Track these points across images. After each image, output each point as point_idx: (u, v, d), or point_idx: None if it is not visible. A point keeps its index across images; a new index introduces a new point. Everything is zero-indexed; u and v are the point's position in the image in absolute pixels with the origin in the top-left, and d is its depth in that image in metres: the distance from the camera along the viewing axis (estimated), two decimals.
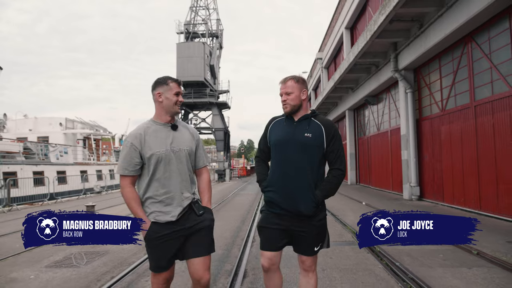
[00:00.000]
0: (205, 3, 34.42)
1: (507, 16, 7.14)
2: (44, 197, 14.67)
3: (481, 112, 8.09)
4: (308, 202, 2.28)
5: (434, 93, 10.38)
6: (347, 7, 18.57)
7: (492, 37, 7.70)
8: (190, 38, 32.61)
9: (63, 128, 23.91)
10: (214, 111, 32.07)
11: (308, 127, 2.35)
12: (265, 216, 2.42)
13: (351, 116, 20.11)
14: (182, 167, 2.30)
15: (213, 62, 32.03)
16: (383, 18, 9.34)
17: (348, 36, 19.44)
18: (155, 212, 2.24)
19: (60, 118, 24.25)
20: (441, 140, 10.00)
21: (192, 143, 2.39)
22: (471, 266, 4.33)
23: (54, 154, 19.81)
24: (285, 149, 2.34)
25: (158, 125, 2.32)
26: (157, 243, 2.21)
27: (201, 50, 29.90)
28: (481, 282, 3.75)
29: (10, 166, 15.97)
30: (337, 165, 2.36)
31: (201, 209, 2.33)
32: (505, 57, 7.28)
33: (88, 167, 22.37)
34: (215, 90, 33.10)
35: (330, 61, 25.38)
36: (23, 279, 4.32)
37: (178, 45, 30.41)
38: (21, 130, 24.07)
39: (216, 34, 34.08)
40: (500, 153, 7.45)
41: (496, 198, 7.56)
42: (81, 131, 24.87)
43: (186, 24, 32.58)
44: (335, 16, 22.60)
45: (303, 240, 2.35)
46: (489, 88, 7.83)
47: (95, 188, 20.09)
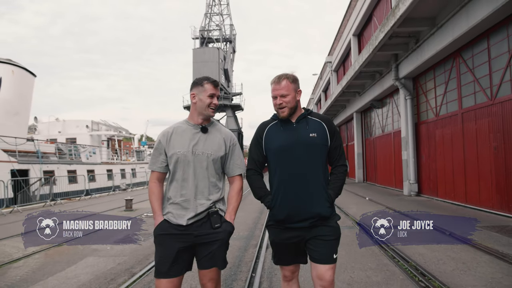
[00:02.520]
0: (219, 9, 35.97)
1: (486, 38, 8.38)
2: (80, 193, 16.36)
3: (467, 118, 9.34)
4: (324, 203, 2.16)
5: (430, 100, 11.63)
6: (354, 15, 19.77)
7: (475, 54, 8.94)
8: (205, 43, 34.21)
9: (89, 130, 25.71)
10: (228, 113, 33.64)
11: (308, 126, 2.22)
12: (276, 231, 2.25)
13: (358, 118, 21.33)
14: (201, 172, 2.20)
15: (227, 66, 33.58)
16: (382, 35, 10.62)
17: (355, 42, 20.63)
18: (170, 213, 2.21)
19: (86, 121, 26.08)
20: (435, 143, 11.24)
21: (220, 148, 2.26)
22: (440, 242, 5.65)
23: (84, 154, 21.60)
24: (292, 153, 2.18)
25: (188, 126, 2.28)
26: (162, 240, 2.19)
27: (216, 55, 31.47)
28: (441, 250, 5.09)
29: (48, 165, 17.72)
30: (341, 161, 2.28)
31: (218, 222, 2.20)
32: (484, 72, 8.52)
33: (113, 166, 24.12)
34: (229, 93, 34.65)
35: (339, 65, 26.59)
36: (103, 249, 5.82)
37: (194, 51, 32.05)
38: (51, 132, 25.97)
39: (229, 39, 35.62)
40: (481, 155, 8.70)
41: (478, 193, 8.82)
42: (105, 133, 26.66)
43: (201, 30, 34.17)
44: (343, 23, 23.80)
45: (321, 246, 2.16)
46: (473, 98, 9.07)
47: (121, 185, 21.78)
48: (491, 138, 8.26)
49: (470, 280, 3.82)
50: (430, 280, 3.86)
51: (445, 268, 4.29)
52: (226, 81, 34.47)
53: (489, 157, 8.40)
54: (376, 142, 18.52)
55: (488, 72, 8.36)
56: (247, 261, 4.81)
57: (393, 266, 4.47)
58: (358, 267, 4.37)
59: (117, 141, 27.60)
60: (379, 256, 4.95)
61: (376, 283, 3.83)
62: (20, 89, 20.49)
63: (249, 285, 3.82)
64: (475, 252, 4.98)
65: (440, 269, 4.23)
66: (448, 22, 9.00)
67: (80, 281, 4.20)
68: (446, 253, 4.98)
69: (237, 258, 4.95)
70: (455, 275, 4.02)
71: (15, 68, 20.28)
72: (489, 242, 5.45)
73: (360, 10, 18.26)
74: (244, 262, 4.77)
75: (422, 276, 3.98)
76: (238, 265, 4.64)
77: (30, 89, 21.99)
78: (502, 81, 7.86)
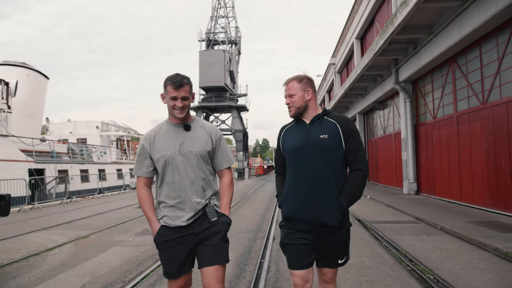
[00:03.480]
0: (225, 12, 36.64)
1: (478, 46, 8.93)
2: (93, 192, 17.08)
3: (462, 121, 9.89)
4: (334, 211, 2.07)
5: (428, 103, 12.18)
6: (357, 19, 20.31)
7: (468, 61, 9.49)
8: (211, 45, 34.90)
9: (99, 131, 26.50)
10: (233, 113, 34.28)
11: (321, 127, 2.14)
12: (287, 232, 2.20)
13: (361, 120, 21.87)
14: (191, 171, 2.17)
15: (232, 68, 34.24)
16: (382, 41, 11.19)
17: (358, 46, 21.18)
18: (166, 216, 2.18)
19: (96, 122, 26.87)
20: (433, 144, 11.79)
21: (207, 144, 2.24)
22: (430, 234, 6.25)
23: (95, 154, 22.35)
24: (301, 155, 2.14)
25: (170, 126, 2.23)
26: (165, 247, 2.16)
27: (222, 57, 32.13)
28: (430, 241, 5.68)
29: (63, 165, 18.47)
30: (357, 165, 2.14)
31: (215, 216, 2.19)
32: (477, 78, 9.07)
33: (123, 166, 24.86)
34: (234, 94, 35.30)
35: (342, 67, 27.13)
36: (126, 240, 6.47)
37: (201, 53, 32.74)
38: (62, 132, 26.79)
39: (235, 41, 36.29)
40: (474, 156, 9.25)
41: (472, 192, 9.37)
42: (114, 133, 27.43)
43: (207, 32, 34.86)
44: (346, 26, 24.34)
45: (328, 254, 2.17)
46: (467, 102, 9.62)
47: (131, 184, 22.50)
48: (483, 140, 8.81)
49: (450, 265, 4.41)
50: (416, 264, 4.46)
51: (431, 255, 4.88)
52: (232, 82, 35.13)
53: (481, 158, 8.95)
54: (378, 142, 19.06)
55: (480, 78, 8.91)
56: (256, 249, 5.43)
57: (385, 254, 5.06)
58: (354, 255, 4.95)
59: (126, 141, 28.35)
60: (373, 246, 5.55)
61: (368, 266, 4.43)
62: (34, 92, 21.32)
63: (258, 268, 4.44)
64: (460, 243, 5.56)
65: (426, 256, 4.81)
66: (443, 30, 9.56)
67: (112, 265, 4.84)
68: (434, 243, 5.56)
69: (247, 248, 5.57)
70: (438, 261, 4.61)
71: (29, 71, 21.11)
72: (475, 235, 6.02)
73: (363, 14, 18.80)
74: (253, 250, 5.40)
75: (410, 262, 4.58)
76: (248, 252, 5.26)
77: (44, 91, 22.82)
78: (492, 86, 8.41)
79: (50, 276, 4.42)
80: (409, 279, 3.94)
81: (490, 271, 4.11)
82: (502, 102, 8.03)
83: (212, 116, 35.64)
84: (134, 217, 9.26)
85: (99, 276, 4.34)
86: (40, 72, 22.16)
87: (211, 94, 33.54)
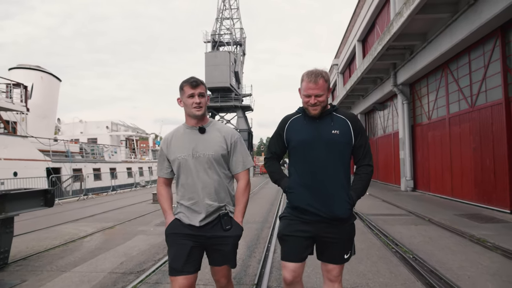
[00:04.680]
0: (230, 13, 37.45)
1: (467, 54, 9.67)
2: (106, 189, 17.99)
3: (453, 123, 10.63)
4: (344, 204, 2.10)
5: (424, 105, 12.91)
6: (358, 23, 21.01)
7: (459, 67, 10.23)
8: (217, 47, 35.74)
9: (109, 131, 27.42)
10: (238, 113, 35.13)
11: (333, 123, 2.16)
12: (288, 223, 2.21)
13: (362, 120, 22.59)
14: (204, 173, 2.20)
15: (237, 68, 35.05)
16: (380, 47, 11.94)
17: (360, 48, 21.89)
18: (182, 213, 2.25)
19: (106, 122, 27.81)
20: (428, 143, 12.53)
21: (221, 147, 2.25)
22: (418, 225, 7.03)
23: (107, 153, 23.29)
24: (312, 149, 2.13)
25: (187, 129, 2.29)
26: (174, 239, 2.20)
27: (227, 59, 32.96)
28: (416, 230, 6.45)
29: (77, 164, 19.40)
30: (366, 161, 2.20)
31: (229, 224, 2.21)
32: (466, 83, 9.81)
33: (132, 165, 25.79)
34: (239, 94, 36.13)
35: (345, 68, 27.84)
36: (147, 230, 7.30)
37: (206, 55, 33.59)
38: (73, 133, 27.76)
39: (239, 42, 37.10)
40: (464, 155, 10.00)
41: (461, 188, 10.12)
42: (123, 133, 28.35)
43: (213, 34, 35.70)
44: (349, 28, 25.04)
45: (333, 247, 2.15)
46: (458, 105, 10.36)
47: (141, 182, 23.41)
48: (471, 141, 9.55)
49: (429, 247, 5.19)
50: (400, 247, 5.24)
51: (414, 241, 5.66)
52: (237, 83, 35.96)
53: (469, 157, 9.69)
54: (378, 142, 19.80)
55: (469, 83, 9.65)
56: (263, 236, 6.24)
57: (375, 239, 5.85)
58: None
59: (134, 141, 29.28)
60: (366, 234, 6.34)
61: (359, 249, 5.20)
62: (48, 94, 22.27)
63: (266, 250, 5.24)
64: (442, 231, 6.34)
65: (410, 242, 5.60)
66: (436, 38, 10.30)
67: (141, 249, 5.67)
68: (419, 232, 6.34)
69: (255, 235, 6.39)
70: (420, 245, 5.39)
71: (43, 74, 22.03)
72: (457, 225, 6.79)
73: (364, 18, 19.51)
74: (261, 237, 6.21)
75: (395, 245, 5.37)
76: (257, 239, 6.08)
77: (56, 93, 23.77)
78: (479, 91, 9.15)
79: (91, 257, 5.26)
80: (391, 257, 4.74)
81: (460, 252, 4.89)
82: (487, 106, 8.77)
83: (218, 116, 36.52)
84: (150, 211, 10.12)
85: (132, 257, 5.18)
86: (53, 74, 23.10)
87: (216, 94, 34.39)
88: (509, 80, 8.01)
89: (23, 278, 4.33)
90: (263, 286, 3.72)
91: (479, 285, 3.65)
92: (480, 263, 4.37)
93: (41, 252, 5.62)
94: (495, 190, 8.44)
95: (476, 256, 4.70)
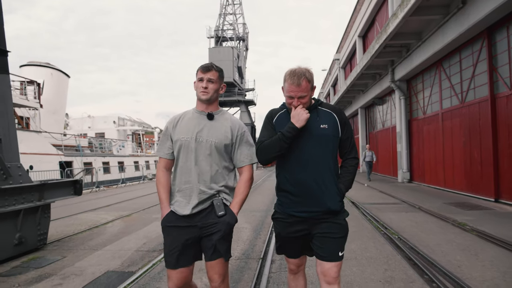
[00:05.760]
0: (233, 9, 37.90)
1: (458, 53, 10.27)
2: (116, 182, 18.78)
3: (445, 117, 11.26)
4: (334, 196, 2.11)
5: (419, 101, 13.52)
6: (359, 19, 21.50)
7: (451, 65, 10.83)
8: (220, 42, 36.28)
9: (116, 125, 28.17)
10: (242, 108, 35.79)
11: (319, 117, 2.15)
12: (282, 224, 2.21)
13: (363, 114, 23.22)
14: (203, 159, 2.18)
15: (240, 64, 35.63)
16: (377, 46, 12.53)
17: (360, 43, 22.40)
18: (177, 202, 2.21)
19: (113, 117, 28.55)
20: (423, 137, 13.17)
21: (225, 136, 2.23)
22: (408, 212, 7.72)
23: (115, 148, 24.06)
24: (301, 144, 2.11)
25: (195, 113, 2.28)
26: (169, 232, 2.19)
27: (230, 54, 33.54)
28: (406, 216, 7.15)
29: (88, 157, 20.19)
30: (353, 153, 2.23)
31: (222, 210, 2.17)
32: (457, 80, 10.43)
33: (139, 158, 26.57)
34: (242, 89, 36.74)
35: (346, 63, 28.35)
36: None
37: (210, 50, 34.18)
38: (81, 127, 28.53)
39: (242, 38, 37.61)
40: (455, 148, 10.64)
41: (453, 179, 10.78)
42: (130, 128, 29.10)
43: (216, 30, 36.23)
44: (350, 24, 25.52)
45: (328, 243, 2.11)
46: (449, 101, 10.99)
47: (148, 175, 24.20)
48: (461, 135, 10.20)
49: (414, 230, 5.89)
50: (388, 230, 5.94)
51: (402, 225, 6.36)
52: (240, 78, 36.57)
53: (460, 150, 10.34)
54: (378, 135, 20.43)
55: (460, 80, 10.26)
56: (267, 222, 6.95)
57: (367, 224, 6.55)
58: None
59: (141, 135, 30.04)
60: (360, 219, 7.04)
61: (352, 232, 5.89)
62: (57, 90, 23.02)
63: (270, 233, 5.95)
64: (428, 217, 7.03)
65: (398, 225, 6.29)
66: (430, 38, 10.89)
67: (158, 232, 6.39)
68: (408, 217, 7.04)
69: (260, 221, 7.10)
70: (406, 228, 6.09)
71: (53, 71, 22.76)
72: (444, 212, 7.48)
73: (364, 14, 20.01)
74: (265, 223, 6.92)
75: (384, 228, 6.06)
76: (262, 224, 6.79)
77: (65, 89, 24.50)
78: (469, 88, 9.77)
79: (116, 239, 6.00)
80: (380, 238, 5.44)
81: (440, 233, 5.59)
82: (476, 102, 9.39)
83: None
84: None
85: (152, 239, 5.91)
86: (62, 71, 23.81)
87: None
88: (494, 78, 8.63)
89: (63, 255, 5.07)
90: (267, 259, 4.44)
91: (449, 256, 4.35)
92: (454, 241, 5.07)
93: (71, 236, 6.37)
94: (482, 180, 9.11)
95: (453, 236, 5.39)
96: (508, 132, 8.13)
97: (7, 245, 4.75)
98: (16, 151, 5.16)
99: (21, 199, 4.98)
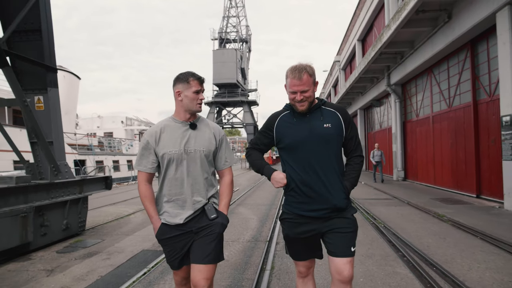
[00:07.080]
0: (236, 11, 38.83)
1: (446, 61, 11.19)
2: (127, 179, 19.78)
3: (435, 120, 12.19)
4: (340, 194, 2.11)
5: (413, 104, 14.45)
6: (358, 23, 22.38)
7: (440, 72, 11.75)
8: (223, 44, 37.24)
9: (124, 125, 29.17)
10: (245, 108, 36.73)
11: (323, 117, 2.14)
12: (289, 225, 2.19)
13: (361, 115, 24.14)
14: (195, 169, 2.18)
15: (243, 65, 36.59)
16: (373, 53, 13.46)
17: (359, 47, 23.30)
18: (166, 213, 2.19)
19: (121, 117, 29.55)
20: (416, 138, 14.11)
21: (211, 143, 2.25)
22: (397, 206, 8.67)
23: (124, 147, 25.08)
24: (306, 145, 2.11)
25: (176, 123, 2.23)
26: (166, 243, 2.21)
27: (234, 56, 34.47)
28: (394, 210, 8.09)
29: (99, 156, 21.19)
30: (358, 151, 2.23)
31: (214, 213, 2.19)
32: (445, 86, 11.36)
33: None
34: (245, 90, 37.70)
35: (346, 65, 29.25)
36: None
37: (214, 52, 35.13)
38: (90, 127, 29.53)
39: (245, 39, 38.54)
40: (443, 149, 11.58)
41: (442, 177, 11.73)
42: (137, 127, 30.09)
43: (220, 32, 37.20)
44: (349, 28, 26.41)
45: (338, 238, 2.09)
46: (439, 105, 11.92)
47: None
48: (449, 137, 11.13)
49: (398, 220, 6.84)
50: (376, 220, 6.89)
51: (389, 217, 7.30)
52: (243, 78, 37.51)
53: (448, 150, 11.27)
54: (375, 136, 21.35)
55: (448, 87, 11.19)
56: (272, 214, 7.92)
57: (359, 215, 7.49)
58: None
59: None
60: None
61: None
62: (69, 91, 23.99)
63: (274, 223, 6.90)
64: (414, 210, 7.98)
65: (386, 217, 7.23)
66: (421, 47, 11.81)
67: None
68: (396, 211, 7.98)
69: (265, 214, 8.06)
70: (392, 218, 7.04)
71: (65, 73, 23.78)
72: (428, 206, 8.42)
73: (363, 19, 20.91)
74: (270, 215, 7.88)
75: (373, 219, 7.01)
76: (267, 215, 7.76)
77: (76, 90, 25.49)
78: (455, 94, 10.70)
79: (143, 227, 6.97)
80: (368, 226, 6.40)
81: (420, 223, 6.54)
82: (461, 107, 10.32)
83: (225, 110, 38.18)
84: None
85: None
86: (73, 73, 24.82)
87: (223, 90, 36.01)
88: (477, 86, 9.55)
89: (102, 238, 6.06)
90: (273, 241, 5.40)
91: (422, 239, 5.30)
92: (430, 229, 6.02)
93: (102, 224, 7.36)
94: (466, 178, 10.04)
95: (430, 225, 6.35)
96: (487, 135, 9.06)
97: (58, 229, 5.75)
98: (63, 151, 6.15)
99: (67, 192, 5.98)
